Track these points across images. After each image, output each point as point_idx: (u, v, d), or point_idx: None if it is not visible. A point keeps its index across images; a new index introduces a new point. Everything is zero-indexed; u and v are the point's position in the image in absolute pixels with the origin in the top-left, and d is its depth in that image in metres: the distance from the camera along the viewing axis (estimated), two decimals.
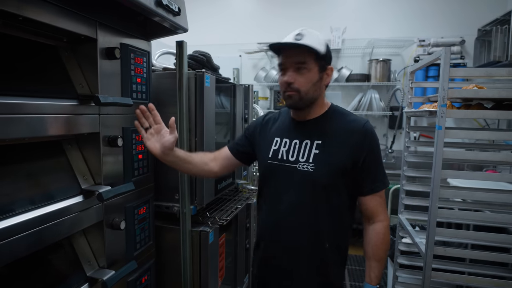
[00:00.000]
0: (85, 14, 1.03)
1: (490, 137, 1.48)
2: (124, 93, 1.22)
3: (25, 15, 0.85)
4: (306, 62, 1.12)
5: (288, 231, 1.23)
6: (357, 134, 1.16)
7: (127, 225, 1.23)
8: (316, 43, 1.10)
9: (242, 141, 1.41)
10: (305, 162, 1.18)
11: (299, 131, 1.23)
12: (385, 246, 1.21)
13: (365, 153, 1.15)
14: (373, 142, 1.18)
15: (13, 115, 0.83)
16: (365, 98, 4.00)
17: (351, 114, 1.24)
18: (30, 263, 0.94)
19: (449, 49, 1.35)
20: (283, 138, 1.25)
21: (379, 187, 1.20)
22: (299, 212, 1.20)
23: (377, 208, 1.20)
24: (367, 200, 1.20)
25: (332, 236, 1.21)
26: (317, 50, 1.09)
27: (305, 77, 1.13)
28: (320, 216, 1.19)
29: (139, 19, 1.27)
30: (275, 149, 1.26)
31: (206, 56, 1.69)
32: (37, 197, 0.95)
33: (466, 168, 3.54)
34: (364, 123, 1.18)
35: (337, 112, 1.24)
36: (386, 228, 1.21)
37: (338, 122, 1.20)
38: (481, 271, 1.82)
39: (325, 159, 1.16)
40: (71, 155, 1.10)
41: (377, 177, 1.19)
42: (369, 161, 1.16)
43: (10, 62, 0.91)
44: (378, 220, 1.21)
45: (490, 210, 1.84)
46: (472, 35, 3.71)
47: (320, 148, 1.17)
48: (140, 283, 1.35)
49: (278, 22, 4.37)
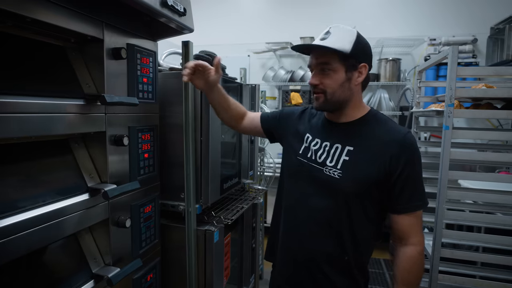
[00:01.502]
0: (92, 15, 1.05)
1: (500, 138, 1.45)
2: (130, 92, 1.23)
3: (34, 17, 0.87)
4: (330, 63, 1.07)
5: (307, 236, 1.18)
6: (394, 145, 1.06)
7: (132, 223, 1.24)
8: (340, 41, 1.05)
9: (274, 118, 1.39)
10: (332, 167, 1.11)
11: (331, 133, 1.17)
12: (417, 273, 1.09)
13: (401, 166, 1.05)
14: (413, 155, 1.07)
15: (21, 114, 0.85)
16: (374, 97, 3.96)
17: (392, 122, 1.15)
18: (37, 259, 0.96)
19: (457, 47, 1.32)
20: (315, 137, 1.20)
21: (416, 207, 1.08)
22: (320, 218, 1.15)
23: (411, 229, 1.09)
24: (400, 218, 1.09)
25: (355, 249, 1.13)
26: (338, 50, 1.04)
27: (330, 78, 1.08)
28: (343, 226, 1.12)
29: (145, 19, 1.28)
30: (306, 146, 1.21)
31: (212, 56, 1.69)
32: (45, 194, 0.96)
33: (479, 170, 3.47)
34: (405, 133, 1.08)
35: (376, 118, 1.15)
36: (420, 254, 1.09)
37: (375, 129, 1.11)
38: (491, 274, 1.79)
39: (354, 168, 1.08)
40: (78, 154, 1.11)
41: (414, 195, 1.07)
42: (406, 176, 1.05)
43: (19, 62, 0.93)
44: (411, 243, 1.09)
45: (502, 213, 1.80)
46: (484, 33, 3.64)
47: (351, 155, 1.10)
48: (146, 281, 1.37)
49: (286, 21, 4.36)
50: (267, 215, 3.63)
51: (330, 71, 1.08)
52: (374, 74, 3.98)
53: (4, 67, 0.88)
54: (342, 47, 1.05)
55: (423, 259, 1.11)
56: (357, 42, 1.07)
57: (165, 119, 1.54)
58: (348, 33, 1.08)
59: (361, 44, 1.08)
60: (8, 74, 0.89)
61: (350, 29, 1.09)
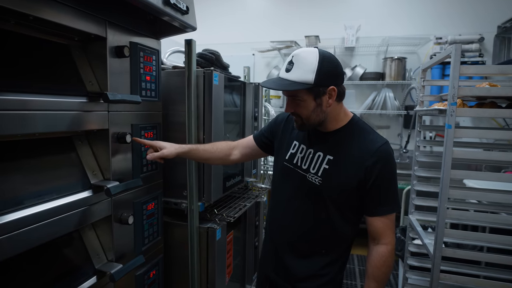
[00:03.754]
0: (95, 13, 1.06)
1: (503, 137, 1.43)
2: (133, 90, 1.24)
3: (37, 15, 0.88)
4: (297, 95, 1.11)
5: (289, 234, 1.26)
6: (369, 156, 1.11)
7: (135, 220, 1.25)
8: (303, 74, 1.05)
9: (267, 131, 1.41)
10: (314, 174, 1.18)
11: (315, 141, 1.22)
12: (386, 269, 1.16)
13: (374, 176, 1.11)
14: (385, 167, 1.12)
15: (25, 111, 0.87)
16: (379, 97, 3.94)
17: (371, 132, 1.18)
18: (41, 254, 0.97)
19: (460, 45, 1.31)
20: (301, 144, 1.25)
21: (385, 212, 1.15)
22: (302, 220, 1.22)
23: (383, 230, 1.16)
24: (373, 221, 1.17)
25: (331, 247, 1.22)
26: (301, 86, 1.06)
27: (301, 106, 1.12)
28: (322, 227, 1.20)
29: (148, 18, 1.29)
30: (293, 152, 1.27)
31: (215, 55, 1.70)
32: (48, 190, 0.98)
33: (484, 169, 3.44)
34: (379, 145, 1.12)
35: (357, 127, 1.19)
36: (390, 252, 1.16)
37: (355, 139, 1.16)
38: (494, 274, 1.77)
39: (333, 176, 1.15)
40: (81, 151, 1.13)
41: (384, 201, 1.14)
42: (377, 186, 1.12)
43: (23, 60, 0.94)
44: (383, 242, 1.16)
45: (506, 212, 1.79)
46: (491, 32, 3.60)
47: (330, 164, 1.16)
48: (148, 277, 1.38)
49: (291, 20, 4.35)
50: None
51: (299, 101, 1.11)
52: (379, 73, 3.96)
53: (8, 65, 0.89)
54: (304, 80, 1.05)
55: (393, 258, 1.18)
56: (320, 69, 1.05)
57: (168, 117, 1.55)
58: (310, 61, 1.05)
59: (324, 69, 1.06)
60: (12, 71, 0.90)
61: (311, 53, 1.07)
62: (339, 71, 1.12)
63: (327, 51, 1.11)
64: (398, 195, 1.20)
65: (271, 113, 2.90)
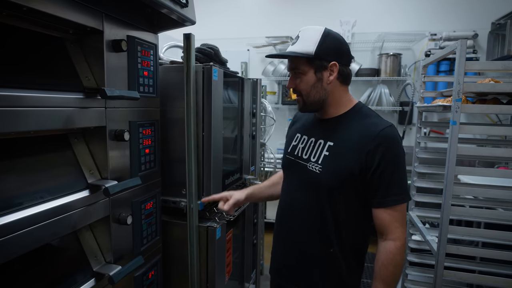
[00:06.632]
0: (91, 5, 1.01)
1: (505, 133, 1.44)
2: (131, 86, 1.20)
3: (30, 6, 0.83)
4: (298, 67, 1.12)
5: (295, 230, 1.22)
6: (370, 140, 1.05)
7: (133, 220, 1.22)
8: (305, 45, 1.08)
9: (285, 148, 1.36)
10: (315, 162, 1.14)
11: (317, 129, 1.20)
12: (393, 268, 1.06)
13: (376, 162, 1.04)
14: (389, 150, 1.04)
15: (18, 108, 0.82)
16: (375, 93, 3.94)
17: (375, 117, 1.13)
18: (37, 257, 0.93)
19: (465, 41, 1.30)
20: (303, 135, 1.25)
21: (393, 202, 1.06)
22: (306, 213, 1.18)
23: (390, 224, 1.06)
24: (378, 213, 1.08)
25: (340, 241, 1.13)
26: (301, 55, 1.08)
27: (302, 80, 1.13)
28: (327, 220, 1.13)
29: (146, 10, 1.25)
30: (294, 144, 1.26)
31: (214, 50, 1.66)
32: (44, 191, 0.93)
33: (477, 165, 3.47)
34: (382, 128, 1.06)
35: (360, 112, 1.15)
36: (398, 249, 1.06)
37: (356, 124, 1.11)
38: (493, 269, 1.78)
39: (333, 163, 1.10)
40: (77, 149, 1.08)
41: (390, 190, 1.05)
42: (381, 172, 1.04)
43: (15, 54, 0.89)
44: (391, 238, 1.07)
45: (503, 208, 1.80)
46: (485, 28, 3.62)
47: (330, 150, 1.12)
48: (147, 278, 1.35)
49: (286, 15, 4.32)
50: (267, 211, 3.62)
51: (301, 74, 1.12)
52: (375, 69, 3.96)
53: None
54: (306, 50, 1.08)
55: (403, 255, 1.08)
56: (322, 42, 1.07)
57: (166, 114, 1.51)
58: (313, 34, 1.09)
59: (327, 43, 1.08)
60: (4, 66, 0.85)
61: (316, 29, 1.10)
62: (344, 50, 1.12)
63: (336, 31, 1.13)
64: (407, 184, 1.09)
65: (267, 109, 2.86)
